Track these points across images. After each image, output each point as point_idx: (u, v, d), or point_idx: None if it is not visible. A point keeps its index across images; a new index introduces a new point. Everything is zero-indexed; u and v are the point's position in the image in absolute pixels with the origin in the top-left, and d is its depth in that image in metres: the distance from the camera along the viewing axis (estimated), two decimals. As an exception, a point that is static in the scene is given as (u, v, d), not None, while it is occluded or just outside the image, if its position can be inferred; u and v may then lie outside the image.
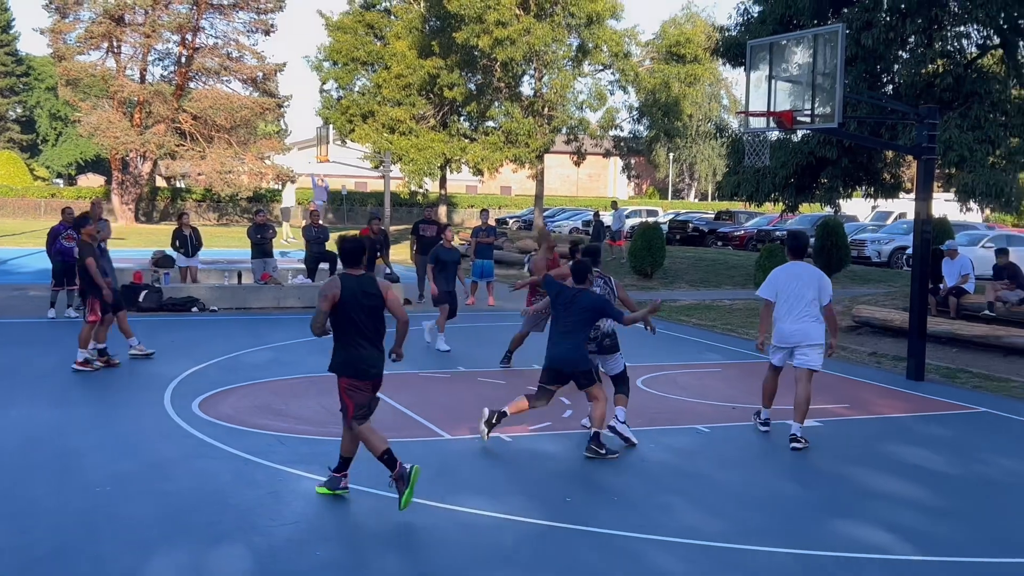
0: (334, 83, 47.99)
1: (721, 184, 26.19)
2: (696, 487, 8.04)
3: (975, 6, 18.15)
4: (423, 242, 20.35)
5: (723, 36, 24.74)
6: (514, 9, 37.54)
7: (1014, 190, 18.78)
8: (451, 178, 53.36)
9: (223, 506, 7.23)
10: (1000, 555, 6.65)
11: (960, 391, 12.52)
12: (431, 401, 10.93)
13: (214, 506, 7.22)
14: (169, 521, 6.88)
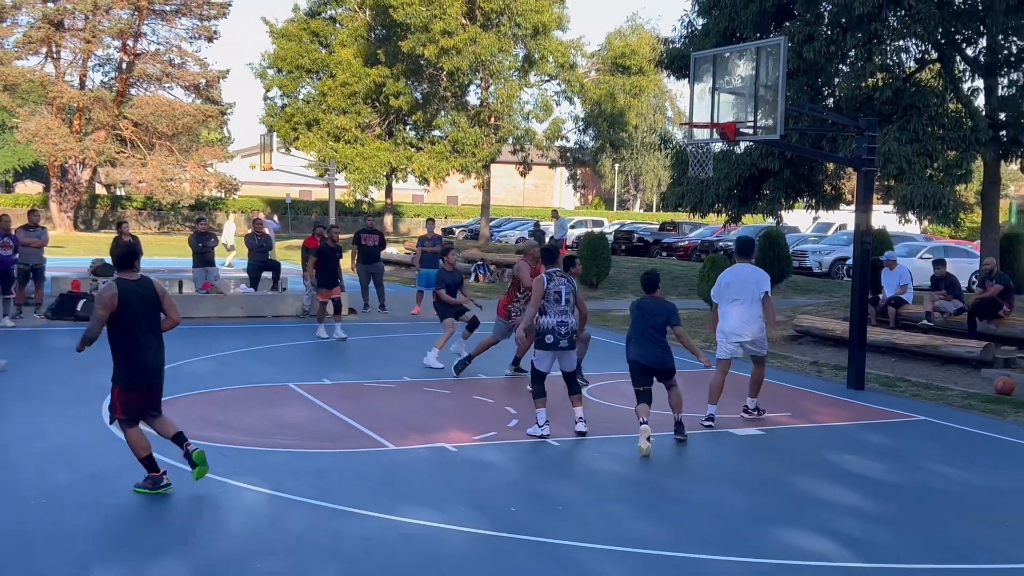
0: (278, 91, 47.60)
1: (666, 195, 26.35)
2: (641, 495, 8.06)
3: (914, 21, 18.48)
4: (365, 251, 20.24)
5: (667, 48, 24.93)
6: (460, 19, 37.57)
7: (951, 202, 19.10)
8: (397, 187, 53.20)
9: (162, 520, 7.09)
10: (939, 562, 6.74)
11: (899, 400, 12.71)
12: (376, 411, 10.84)
13: (153, 519, 7.08)
14: (107, 535, 6.73)
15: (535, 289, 9.91)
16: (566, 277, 9.97)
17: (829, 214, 31.09)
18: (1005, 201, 50.35)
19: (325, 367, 13.65)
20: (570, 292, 9.83)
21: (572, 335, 9.79)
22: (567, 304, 9.77)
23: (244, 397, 11.42)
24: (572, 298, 9.85)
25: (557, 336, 9.72)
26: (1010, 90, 21.05)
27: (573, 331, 9.82)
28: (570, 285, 9.89)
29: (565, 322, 9.73)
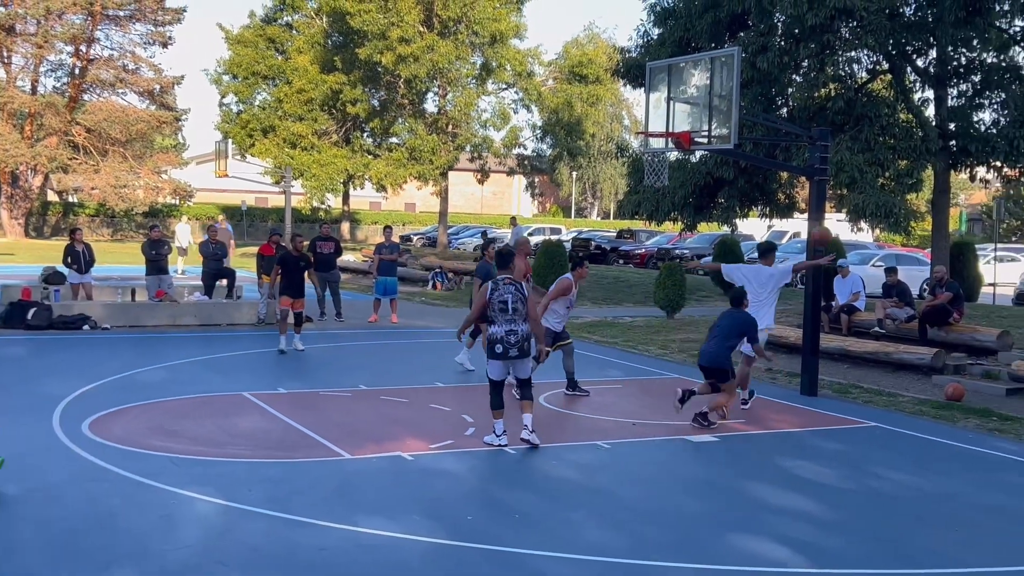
0: (234, 97, 47.30)
1: (622, 203, 26.53)
2: (598, 503, 8.08)
3: (865, 32, 18.76)
4: (321, 259, 20.11)
5: (624, 57, 25.11)
6: (417, 26, 37.57)
7: (902, 211, 19.40)
8: (354, 194, 53.03)
9: (113, 531, 6.99)
10: (890, 566, 6.82)
11: (852, 406, 12.85)
12: (331, 420, 10.77)
13: (104, 531, 6.98)
14: (56, 547, 6.62)
15: (478, 297, 9.86)
16: (514, 284, 9.66)
17: (783, 222, 31.48)
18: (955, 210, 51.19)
19: (280, 376, 13.55)
20: (517, 300, 9.55)
21: (524, 343, 9.58)
22: (515, 312, 9.53)
23: (197, 406, 11.30)
24: (520, 306, 9.57)
25: (506, 345, 9.54)
26: (959, 101, 21.44)
27: (525, 338, 9.60)
28: (518, 293, 9.59)
29: (514, 330, 9.53)
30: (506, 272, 9.83)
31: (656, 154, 14.95)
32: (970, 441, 10.91)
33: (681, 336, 19.11)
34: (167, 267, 19.93)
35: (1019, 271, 35.73)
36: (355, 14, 37.50)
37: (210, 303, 19.33)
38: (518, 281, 9.84)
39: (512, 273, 9.90)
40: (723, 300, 26.25)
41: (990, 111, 21.32)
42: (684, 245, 39.09)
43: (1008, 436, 11.24)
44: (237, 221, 57.98)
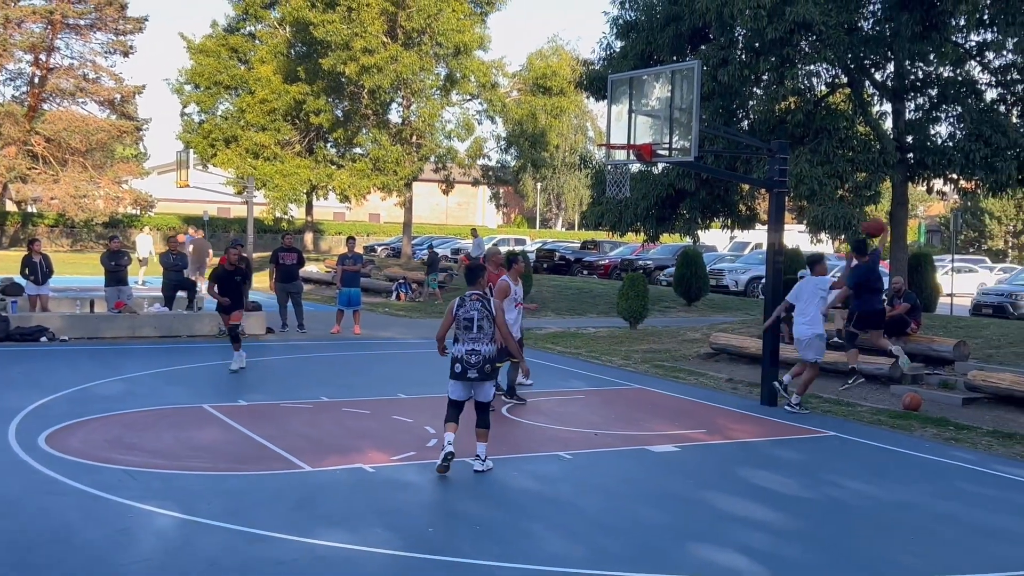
0: (196, 107, 46.96)
1: (586, 214, 26.64)
2: (559, 514, 8.09)
3: (824, 46, 18.97)
4: (283, 270, 20.02)
5: (587, 69, 25.22)
6: (381, 37, 37.54)
7: (861, 222, 19.62)
8: (318, 205, 52.81)
9: (69, 545, 6.90)
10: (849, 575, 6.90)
11: (811, 416, 12.96)
12: (292, 432, 10.71)
13: (59, 545, 6.89)
14: (9, 562, 6.53)
15: (446, 314, 9.47)
16: (482, 301, 9.20)
17: (745, 233, 31.72)
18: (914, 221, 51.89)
19: (240, 388, 13.45)
20: (484, 317, 9.10)
21: (486, 365, 9.06)
22: (479, 331, 9.06)
23: (156, 419, 11.20)
24: (487, 324, 9.11)
25: (465, 365, 9.02)
26: (916, 114, 21.73)
27: (487, 360, 9.07)
28: (484, 310, 9.12)
29: (476, 350, 9.02)
30: (474, 287, 9.37)
31: (618, 166, 15.04)
32: (927, 450, 11.05)
33: (644, 347, 19.20)
34: (127, 278, 19.75)
35: (976, 282, 36.30)
36: (318, 24, 37.41)
37: (170, 315, 19.18)
38: (487, 297, 9.35)
39: (481, 288, 9.38)
40: (686, 311, 26.45)
41: (946, 124, 21.61)
42: (647, 256, 39.29)
43: (964, 445, 11.39)
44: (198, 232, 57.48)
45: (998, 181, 20.01)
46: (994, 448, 11.27)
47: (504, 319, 9.56)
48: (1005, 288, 28.64)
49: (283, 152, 42.43)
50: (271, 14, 46.31)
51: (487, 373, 9.10)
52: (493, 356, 9.19)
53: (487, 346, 9.10)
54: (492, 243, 46.94)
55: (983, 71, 21.68)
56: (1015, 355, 16.99)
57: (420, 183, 47.86)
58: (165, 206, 60.01)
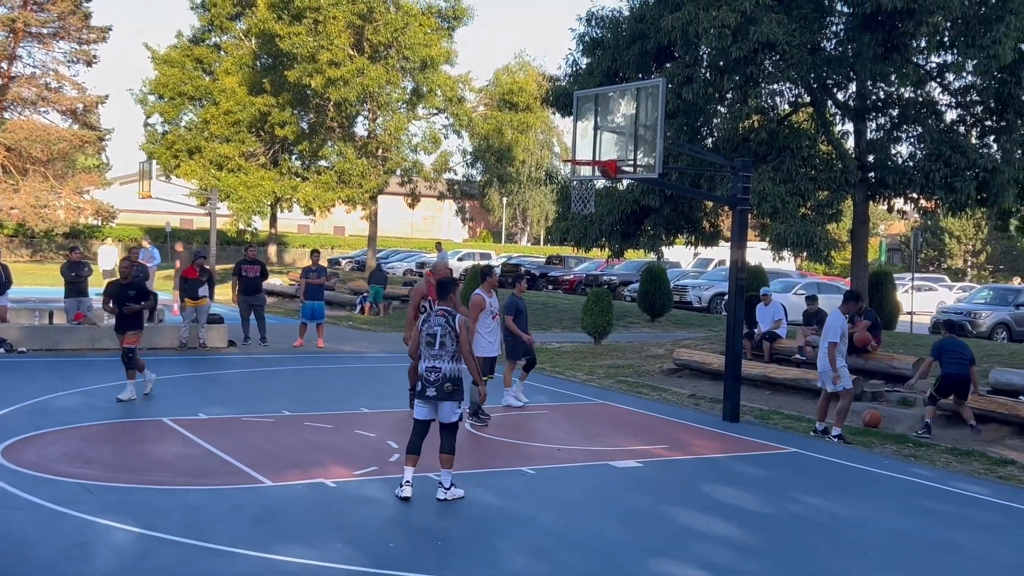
0: (159, 117, 46.59)
1: (552, 229, 26.72)
2: (522, 529, 8.07)
3: (788, 66, 19.20)
4: (246, 283, 19.88)
5: (553, 86, 25.35)
6: (347, 50, 37.49)
7: (823, 240, 19.82)
8: (282, 217, 52.55)
9: (24, 559, 6.79)
10: (806, 590, 6.94)
11: (773, 432, 13.06)
12: (253, 446, 10.62)
13: (14, 560, 6.78)
14: (-40, 578, 6.41)
15: (414, 330, 9.09)
16: (446, 317, 8.80)
17: (709, 250, 31.89)
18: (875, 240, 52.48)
19: (201, 401, 13.32)
20: (446, 334, 8.70)
21: (446, 383, 8.65)
22: (441, 348, 8.67)
23: (115, 432, 11.06)
24: (449, 341, 8.70)
25: (425, 383, 8.72)
26: (878, 134, 22.03)
27: (448, 379, 8.65)
28: (448, 326, 8.73)
29: (436, 367, 8.65)
30: (443, 303, 8.99)
31: (584, 182, 15.09)
32: (887, 467, 11.15)
33: (607, 362, 19.25)
34: (87, 289, 19.50)
35: (936, 300, 36.76)
36: (284, 36, 37.28)
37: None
38: (453, 313, 8.89)
39: (451, 304, 8.99)
40: (650, 326, 26.55)
41: (907, 144, 21.93)
42: (612, 271, 39.43)
43: (923, 462, 11.51)
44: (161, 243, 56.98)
45: (957, 201, 20.30)
46: (952, 465, 11.40)
47: (469, 338, 9.01)
48: (964, 307, 29.03)
49: (247, 164, 42.19)
50: (237, 25, 46.12)
51: (447, 392, 8.66)
52: (455, 375, 8.73)
53: (448, 364, 8.69)
54: (457, 257, 46.99)
55: (943, 92, 22.04)
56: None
57: (386, 196, 47.74)
58: (127, 217, 59.41)
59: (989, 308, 27.52)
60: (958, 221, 60.25)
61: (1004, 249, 64.35)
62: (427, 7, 40.12)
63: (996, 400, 13.39)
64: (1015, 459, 11.69)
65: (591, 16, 23.34)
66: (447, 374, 8.68)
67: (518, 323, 14.01)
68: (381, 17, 37.94)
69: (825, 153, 21.30)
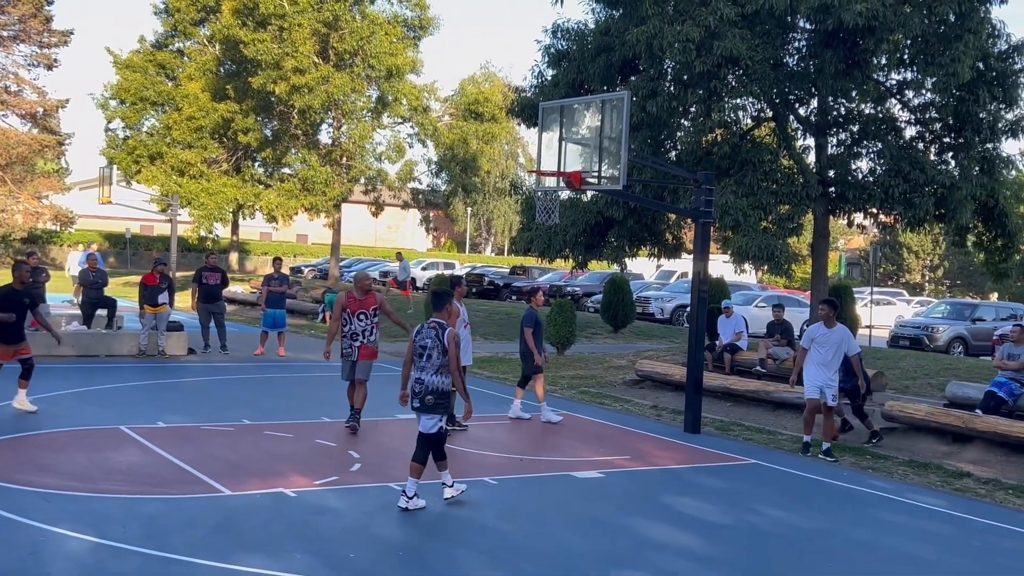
0: (120, 122, 46.14)
1: (516, 239, 26.78)
2: (483, 539, 8.06)
3: (750, 80, 19.39)
4: (206, 290, 19.72)
5: (519, 97, 25.40)
6: (312, 57, 37.37)
7: (783, 254, 20.01)
8: (244, 224, 52.18)
9: (-25, 570, 6.68)
10: (765, 601, 6.98)
11: (733, 443, 13.14)
12: (212, 455, 10.52)
13: (-36, 571, 6.67)
14: (-90, 588, 6.29)
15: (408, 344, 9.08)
16: (436, 330, 8.84)
17: (672, 262, 32.09)
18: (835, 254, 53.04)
19: (160, 409, 13.18)
20: (434, 348, 8.80)
21: (427, 396, 8.75)
22: (427, 360, 8.80)
23: (71, 440, 10.91)
24: (436, 354, 8.80)
25: (412, 394, 8.89)
26: (838, 149, 22.29)
27: (431, 391, 8.75)
28: (436, 340, 8.80)
29: (420, 379, 8.79)
30: (437, 314, 9.03)
31: (548, 192, 15.13)
32: (845, 479, 11.26)
33: (570, 372, 19.28)
34: (44, 295, 19.25)
35: (895, 314, 37.21)
36: (249, 43, 37.11)
37: (89, 333, 18.73)
38: (444, 326, 8.91)
39: (445, 315, 9.03)
40: (612, 338, 26.64)
41: (867, 160, 22.21)
42: (575, 282, 39.53)
43: (880, 474, 11.63)
44: (121, 249, 56.47)
45: (916, 216, 20.59)
46: (909, 477, 11.54)
47: (458, 352, 8.94)
48: (921, 321, 29.41)
49: (209, 170, 41.89)
50: (200, 31, 45.85)
51: (428, 405, 8.76)
52: (439, 388, 8.79)
53: (432, 377, 8.77)
54: (420, 267, 46.89)
55: (903, 109, 22.35)
56: (930, 386, 17.44)
57: (350, 205, 47.60)
58: (87, 222, 58.76)
59: (946, 322, 27.91)
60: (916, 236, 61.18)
61: (961, 264, 65.26)
62: (393, 16, 40.13)
63: (952, 413, 13.56)
64: (971, 472, 11.85)
65: (557, 28, 23.43)
66: (430, 386, 8.77)
67: (536, 336, 14.11)
68: (347, 25, 37.87)
69: (786, 167, 21.52)
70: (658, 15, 19.51)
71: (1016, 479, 11.57)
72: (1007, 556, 8.48)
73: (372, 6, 40.24)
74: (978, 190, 20.42)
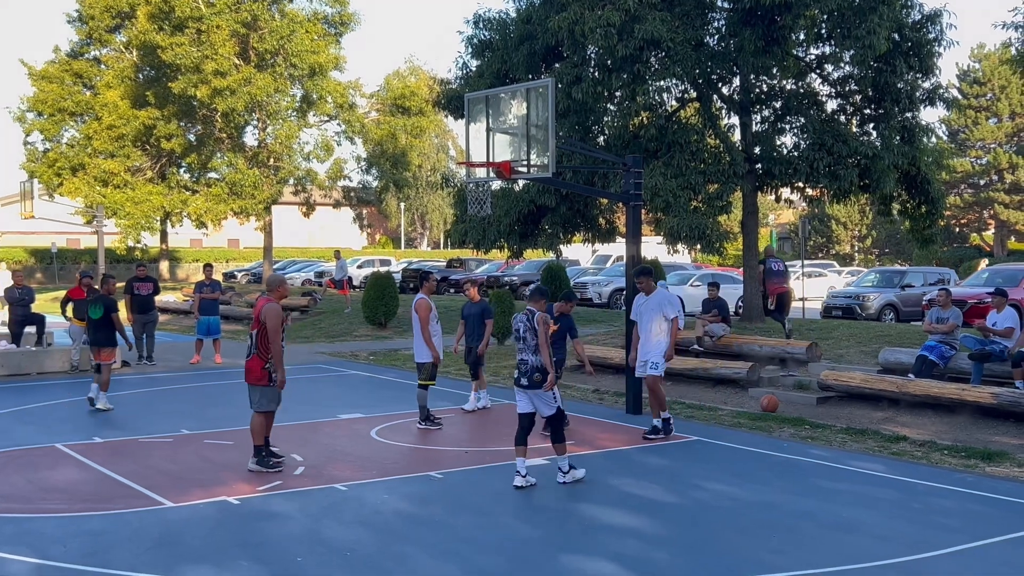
0: (39, 135, 45.06)
1: (450, 232, 26.72)
2: (431, 534, 8.04)
3: (673, 62, 19.55)
4: (138, 300, 19.40)
5: (444, 88, 25.35)
6: (233, 59, 36.86)
7: (714, 232, 20.24)
8: (174, 232, 51.32)
9: (-90, 602, 6.50)
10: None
11: (675, 422, 13.24)
12: (152, 467, 10.35)
13: (-101, 603, 6.48)
14: None
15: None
16: (527, 315, 9.79)
17: (607, 247, 32.25)
18: (766, 230, 53.80)
19: (95, 425, 12.93)
20: (527, 330, 9.75)
21: (535, 374, 9.63)
22: (523, 343, 9.76)
23: (5, 461, 10.65)
24: (529, 336, 9.73)
25: (518, 373, 9.78)
26: (763, 126, 22.60)
27: (536, 369, 9.64)
28: (528, 323, 9.76)
29: (525, 360, 9.74)
30: (531, 303, 9.93)
31: (479, 183, 15.12)
32: (785, 450, 11.44)
33: (511, 362, 19.29)
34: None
35: (827, 285, 37.83)
36: (166, 47, 36.48)
37: (18, 351, 18.31)
38: (533, 312, 9.81)
39: (539, 307, 9.87)
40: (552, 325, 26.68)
41: (791, 135, 22.56)
42: (513, 272, 39.57)
43: (820, 443, 11.84)
44: (47, 264, 55.25)
45: (841, 188, 20.96)
46: (848, 444, 11.76)
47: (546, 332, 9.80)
48: (852, 291, 29.92)
49: (134, 179, 41.17)
50: (116, 38, 44.96)
51: (535, 382, 9.65)
52: (540, 365, 9.66)
53: (532, 356, 9.70)
54: (356, 264, 46.56)
55: (823, 83, 22.73)
56: (863, 354, 17.79)
57: (280, 207, 47.07)
58: (10, 239, 57.46)
59: (877, 291, 28.43)
60: (844, 208, 62.34)
61: (888, 233, 66.65)
62: (313, 14, 39.74)
63: (886, 379, 13.85)
64: (907, 435, 12.11)
65: (478, 18, 23.41)
66: (533, 365, 9.69)
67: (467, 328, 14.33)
68: (266, 25, 37.42)
69: (713, 147, 21.76)
70: (578, 1, 19.58)
71: (950, 439, 11.85)
72: (947, 515, 8.68)
73: (291, 4, 39.83)
74: (900, 159, 20.84)
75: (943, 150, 38.02)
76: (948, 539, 7.87)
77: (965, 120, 63.72)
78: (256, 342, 10.11)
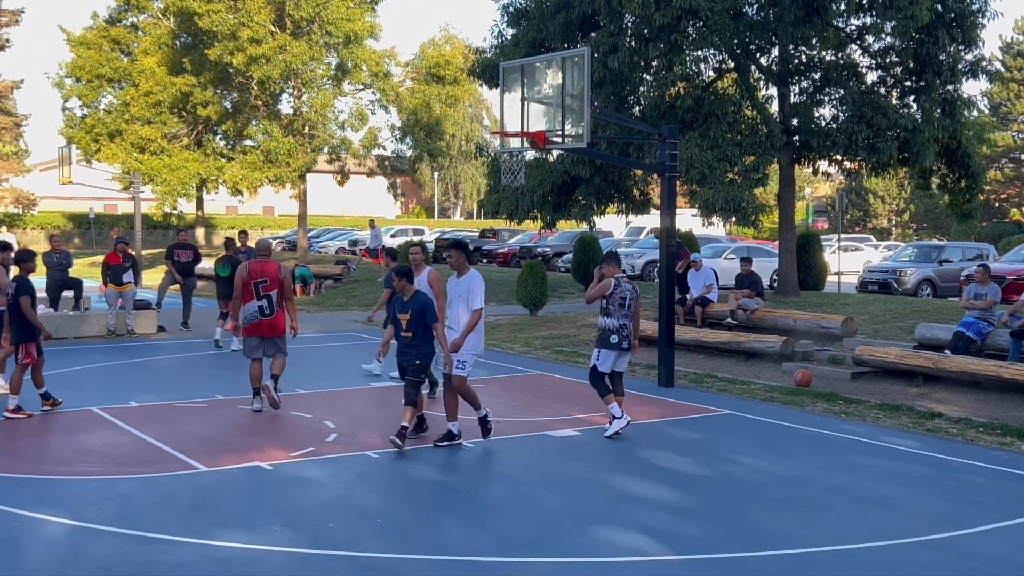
0: (78, 101, 45.36)
1: (484, 202, 26.69)
2: (462, 503, 8.08)
3: (711, 32, 19.32)
4: (178, 267, 19.55)
5: (479, 58, 25.21)
6: (269, 26, 36.87)
7: (750, 205, 20.05)
8: (210, 199, 51.65)
9: (-50, 560, 6.62)
10: (745, 550, 7.04)
11: (707, 395, 13.22)
12: (186, 432, 10.46)
13: (-61, 560, 6.60)
14: None
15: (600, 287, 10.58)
16: (631, 284, 10.59)
17: (641, 218, 32.08)
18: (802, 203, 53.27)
19: (132, 389, 13.08)
20: (633, 298, 10.53)
21: (630, 339, 10.56)
22: (628, 309, 10.48)
23: (43, 424, 10.82)
24: (633, 303, 10.53)
25: (621, 337, 10.44)
26: (801, 97, 22.31)
27: (630, 335, 10.58)
28: (633, 292, 10.54)
29: (626, 325, 10.48)
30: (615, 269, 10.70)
31: (513, 154, 15.06)
32: (818, 425, 11.37)
33: (544, 333, 19.31)
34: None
35: (862, 260, 37.46)
36: (203, 14, 36.54)
37: (56, 315, 18.53)
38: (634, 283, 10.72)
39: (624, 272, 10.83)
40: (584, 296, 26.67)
41: (829, 107, 22.26)
42: (545, 243, 39.51)
43: (853, 418, 11.76)
44: (85, 229, 55.83)
45: (880, 161, 20.68)
46: (882, 420, 11.66)
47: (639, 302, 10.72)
48: (889, 265, 29.61)
49: (170, 146, 41.37)
50: (154, 4, 45.02)
51: (632, 345, 10.66)
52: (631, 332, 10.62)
53: (629, 322, 10.56)
54: (390, 234, 46.68)
55: (863, 54, 22.38)
56: (899, 329, 17.62)
57: (315, 175, 47.22)
58: (49, 204, 58.07)
59: (914, 265, 28.11)
60: (882, 181, 61.48)
61: (927, 207, 65.77)
62: (349, -19, 39.60)
63: (922, 355, 13.71)
64: (942, 412, 11.99)
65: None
66: (630, 330, 10.59)
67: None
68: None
69: (750, 118, 21.52)
70: (616, -31, 19.36)
71: (986, 417, 11.73)
72: (981, 493, 8.60)
73: (327, -28, 39.67)
74: (940, 132, 20.52)
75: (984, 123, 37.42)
76: (981, 517, 7.80)
77: (1008, 93, 62.57)
78: (276, 300, 11.56)
